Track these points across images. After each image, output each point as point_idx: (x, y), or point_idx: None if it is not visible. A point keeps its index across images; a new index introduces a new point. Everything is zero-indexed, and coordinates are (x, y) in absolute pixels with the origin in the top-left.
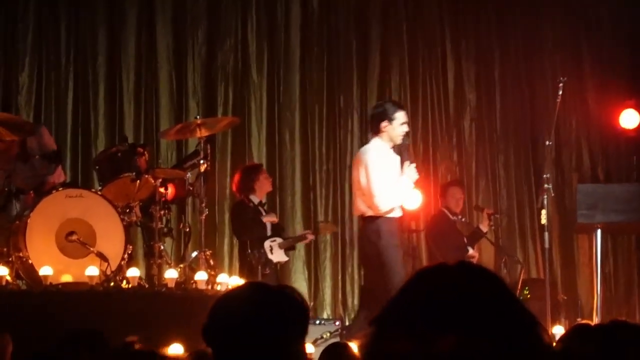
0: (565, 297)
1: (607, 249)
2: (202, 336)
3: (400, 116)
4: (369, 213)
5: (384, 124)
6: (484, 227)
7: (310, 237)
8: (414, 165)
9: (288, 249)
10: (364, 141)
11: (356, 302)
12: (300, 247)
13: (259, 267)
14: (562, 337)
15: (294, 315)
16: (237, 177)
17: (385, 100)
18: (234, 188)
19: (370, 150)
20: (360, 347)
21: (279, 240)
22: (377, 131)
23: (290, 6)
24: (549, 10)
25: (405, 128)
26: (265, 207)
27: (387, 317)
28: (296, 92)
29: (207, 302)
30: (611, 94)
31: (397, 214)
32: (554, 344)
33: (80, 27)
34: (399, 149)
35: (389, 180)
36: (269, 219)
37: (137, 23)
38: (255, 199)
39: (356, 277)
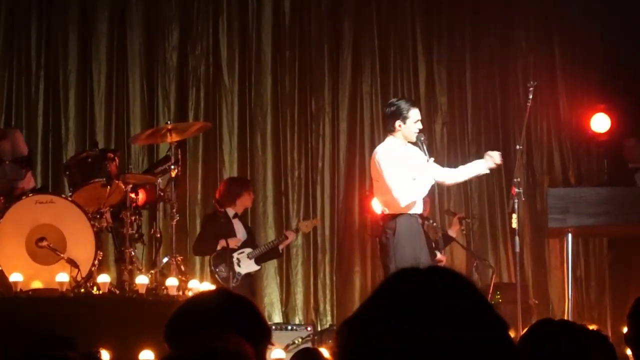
0: (537, 301)
1: (579, 253)
2: (163, 333)
3: (414, 114)
4: (386, 211)
5: (398, 122)
6: (454, 232)
7: (291, 236)
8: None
9: (262, 257)
10: (335, 145)
11: (328, 307)
12: None
13: (223, 281)
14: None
15: (254, 326)
16: (221, 187)
17: (398, 98)
18: (217, 196)
19: (382, 148)
20: (333, 348)
21: (247, 250)
22: (391, 130)
23: (262, 10)
24: (522, 13)
25: (420, 125)
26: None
27: (360, 318)
28: (268, 96)
29: None
30: (582, 97)
31: (417, 210)
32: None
33: (51, 31)
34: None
35: (404, 174)
36: (230, 242)
37: (108, 27)
38: (231, 211)
39: (328, 282)
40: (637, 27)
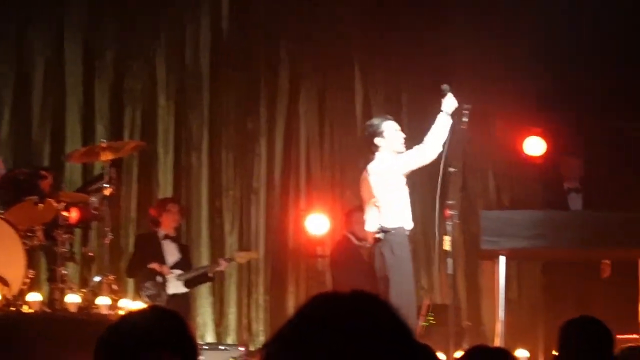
0: (470, 323)
1: (512, 275)
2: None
3: (389, 125)
4: (384, 228)
5: (377, 140)
6: None
7: (223, 265)
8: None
9: (192, 280)
10: (271, 165)
11: (261, 327)
12: None
13: (150, 300)
14: None
15: (184, 342)
16: (150, 209)
17: (369, 120)
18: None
19: (372, 165)
20: None
21: (177, 272)
22: (375, 150)
23: (199, 28)
24: (458, 34)
25: (402, 134)
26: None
27: (281, 340)
28: (204, 115)
29: None
30: (517, 120)
31: (407, 226)
32: None
33: None
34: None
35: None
36: (157, 267)
37: (45, 44)
38: (161, 232)
39: (261, 302)
40: (572, 49)
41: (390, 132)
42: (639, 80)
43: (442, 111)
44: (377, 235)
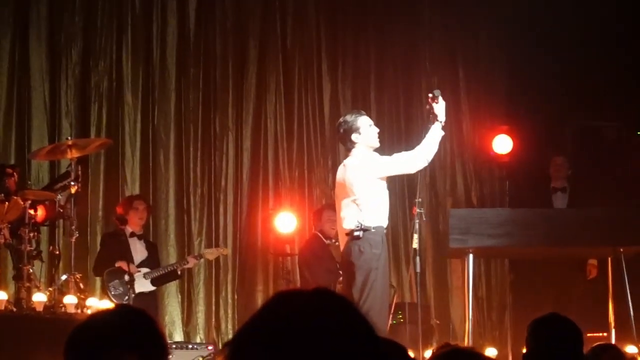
0: (438, 322)
1: (480, 273)
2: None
3: (364, 120)
4: (361, 226)
5: (354, 136)
6: None
7: (192, 262)
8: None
9: (160, 279)
10: (238, 164)
11: (230, 326)
12: None
13: (116, 298)
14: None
15: (153, 342)
16: (117, 206)
17: (343, 116)
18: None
19: (350, 161)
20: None
21: (144, 270)
22: (352, 146)
23: (166, 26)
24: (426, 34)
25: (376, 129)
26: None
27: (243, 338)
28: (171, 112)
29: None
30: (485, 119)
31: (385, 224)
32: None
33: None
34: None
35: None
36: (124, 265)
37: (10, 40)
38: (128, 229)
39: (230, 301)
40: (539, 50)
41: (365, 128)
42: (612, 78)
43: (437, 120)
44: (356, 233)
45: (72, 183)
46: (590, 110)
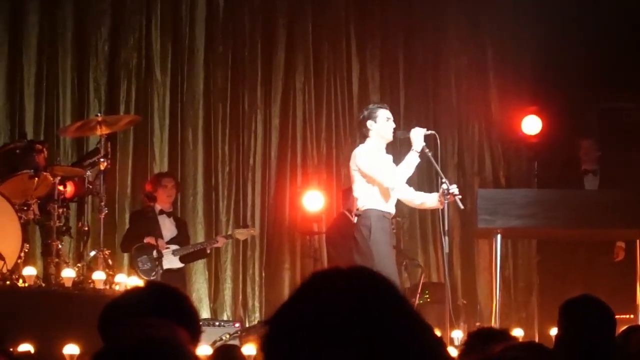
0: (465, 302)
1: (507, 254)
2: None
3: (383, 113)
4: (362, 208)
5: (369, 122)
6: None
7: (222, 242)
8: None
9: (188, 256)
10: (267, 142)
11: (257, 304)
12: None
13: (143, 274)
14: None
15: (186, 319)
16: (146, 184)
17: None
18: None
19: (360, 148)
20: (259, 348)
21: (173, 247)
22: (366, 134)
23: (196, 3)
24: (454, 14)
25: (392, 124)
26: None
27: (283, 317)
28: (200, 90)
29: (104, 302)
30: (514, 99)
31: (390, 209)
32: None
33: None
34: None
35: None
36: (153, 241)
37: (39, 18)
38: (157, 207)
39: (257, 279)
40: (569, 29)
41: (382, 119)
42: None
43: (412, 150)
44: (355, 215)
45: (102, 159)
46: (617, 92)
